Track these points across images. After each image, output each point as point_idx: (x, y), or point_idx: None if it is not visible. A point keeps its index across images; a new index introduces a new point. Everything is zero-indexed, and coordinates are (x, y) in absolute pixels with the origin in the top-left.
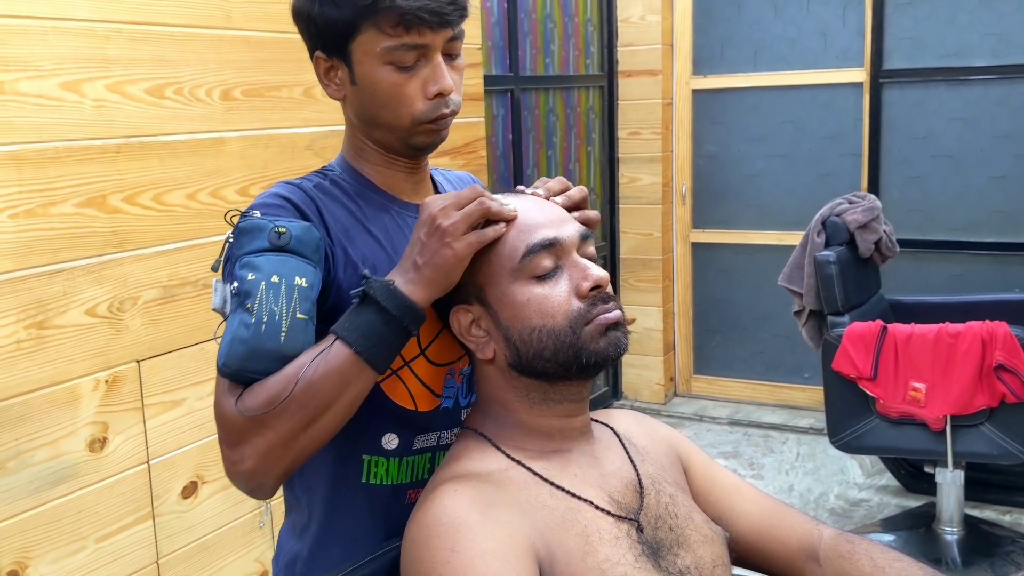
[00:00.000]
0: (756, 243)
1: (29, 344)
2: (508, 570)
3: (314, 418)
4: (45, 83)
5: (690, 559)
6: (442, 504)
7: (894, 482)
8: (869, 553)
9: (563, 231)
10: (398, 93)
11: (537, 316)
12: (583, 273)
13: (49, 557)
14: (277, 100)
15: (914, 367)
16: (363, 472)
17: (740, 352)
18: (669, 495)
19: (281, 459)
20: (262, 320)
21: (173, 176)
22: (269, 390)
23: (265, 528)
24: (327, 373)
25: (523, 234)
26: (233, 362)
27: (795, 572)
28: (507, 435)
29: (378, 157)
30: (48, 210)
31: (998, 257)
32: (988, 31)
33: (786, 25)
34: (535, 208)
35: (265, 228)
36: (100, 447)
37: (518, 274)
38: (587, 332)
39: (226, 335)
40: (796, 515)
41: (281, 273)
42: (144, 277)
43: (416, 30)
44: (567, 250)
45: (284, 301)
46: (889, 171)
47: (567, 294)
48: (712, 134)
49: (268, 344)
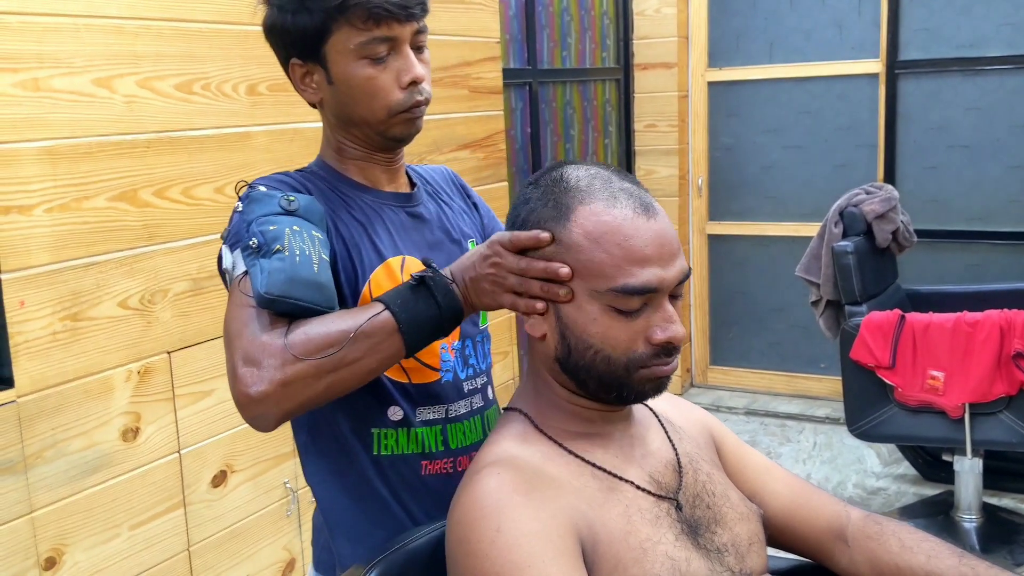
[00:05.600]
0: (772, 235)
1: (64, 336)
2: (552, 549)
3: (339, 369)
4: (77, 79)
5: (727, 536)
6: (487, 486)
7: (911, 471)
8: (897, 533)
9: (668, 273)
10: (373, 86)
11: (600, 341)
12: (663, 324)
13: (85, 544)
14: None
15: (932, 356)
16: (374, 444)
17: (756, 343)
18: (706, 473)
19: (295, 395)
20: (295, 255)
21: (201, 170)
22: (315, 337)
23: (292, 516)
24: (370, 335)
25: (625, 265)
26: (275, 288)
27: (824, 552)
28: (550, 416)
29: (357, 154)
30: (82, 204)
31: (1015, 246)
32: (1004, 21)
33: (801, 17)
34: (648, 231)
35: (275, 196)
36: (133, 437)
37: (601, 297)
38: (640, 375)
39: (259, 275)
40: (825, 497)
41: (300, 225)
42: (174, 270)
43: (385, 23)
44: (661, 294)
45: (309, 244)
46: (905, 162)
47: (638, 335)
48: (728, 126)
49: (304, 273)
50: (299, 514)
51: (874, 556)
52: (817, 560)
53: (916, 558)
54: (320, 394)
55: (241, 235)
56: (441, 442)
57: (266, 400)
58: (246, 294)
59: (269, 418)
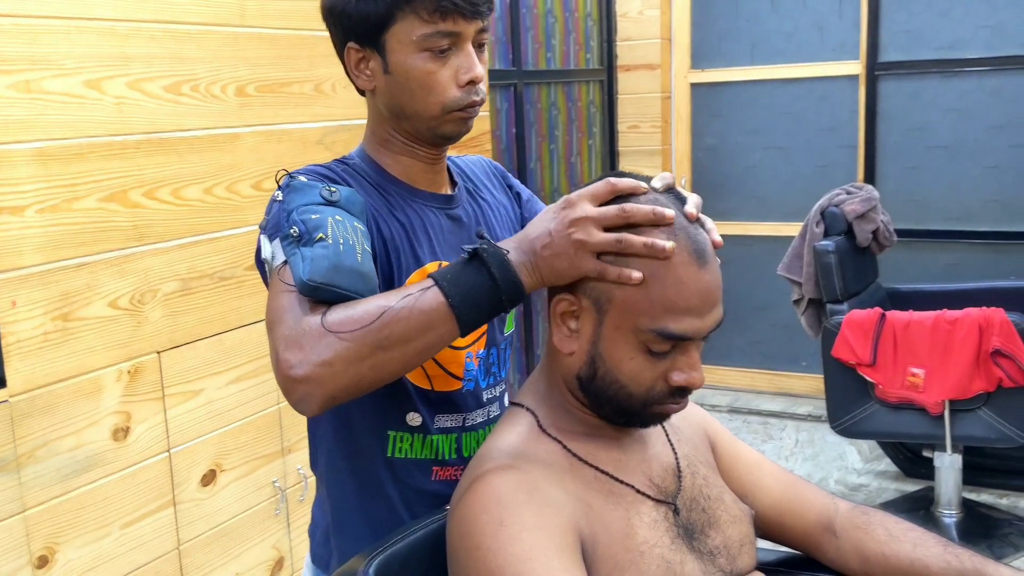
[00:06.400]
0: (754, 234)
1: (55, 336)
2: (553, 546)
3: (385, 348)
4: (68, 81)
5: (720, 539)
6: (490, 484)
7: (892, 467)
8: (884, 524)
9: (704, 323)
10: (431, 81)
11: (627, 378)
12: (685, 369)
13: (77, 543)
14: (288, 96)
15: (913, 353)
16: (388, 447)
17: (738, 342)
18: (703, 476)
19: (339, 376)
20: (339, 243)
21: (190, 171)
22: (356, 312)
23: (281, 515)
24: (415, 312)
25: (671, 310)
26: (318, 275)
27: (813, 544)
28: (557, 417)
29: (402, 147)
30: (72, 205)
31: (993, 245)
32: (982, 23)
33: (783, 19)
34: (700, 282)
35: (316, 187)
36: (123, 436)
37: (636, 335)
38: (651, 410)
39: (300, 263)
40: (814, 490)
41: (342, 215)
42: (164, 270)
43: (451, 18)
44: (692, 342)
45: (352, 235)
46: (885, 162)
47: (660, 376)
48: (711, 127)
49: (348, 261)
50: (288, 513)
51: (862, 545)
52: (807, 552)
53: (903, 547)
54: (365, 376)
55: (281, 224)
56: (455, 450)
57: (307, 381)
58: (286, 283)
59: (313, 401)
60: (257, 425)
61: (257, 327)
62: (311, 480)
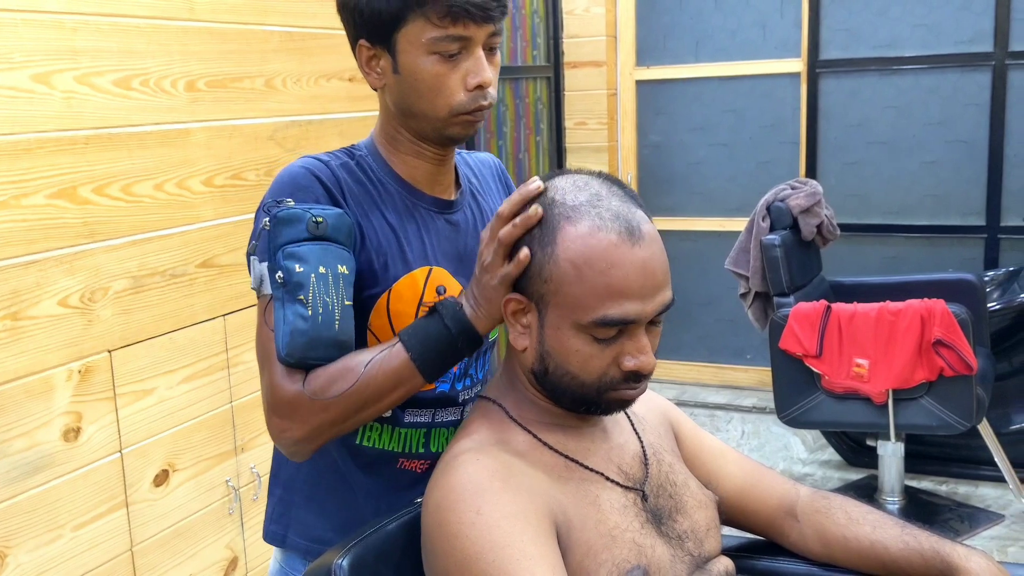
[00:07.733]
0: (700, 229)
1: (4, 335)
2: (531, 531)
3: (365, 407)
4: (16, 75)
5: (687, 524)
6: (465, 472)
7: (836, 456)
8: (843, 507)
9: (647, 306)
10: (439, 83)
11: (577, 367)
12: (635, 354)
13: (28, 546)
14: (239, 91)
15: (857, 344)
16: (358, 434)
17: (685, 336)
18: (668, 464)
19: (327, 434)
20: (318, 311)
21: (141, 167)
22: (333, 377)
23: (235, 514)
24: (384, 371)
25: (606, 297)
26: (296, 351)
27: (775, 529)
28: (522, 408)
29: (409, 146)
30: (21, 201)
31: (930, 239)
32: (918, 22)
33: (726, 16)
34: (632, 262)
35: (303, 218)
36: (74, 436)
37: (580, 328)
38: (608, 396)
39: (282, 326)
40: (775, 476)
41: (326, 263)
42: (114, 267)
43: (462, 22)
44: (638, 324)
45: (333, 291)
46: (826, 158)
47: (611, 361)
48: (656, 124)
49: (325, 333)
50: (241, 512)
51: (822, 528)
52: (769, 537)
53: (862, 528)
54: (347, 428)
55: (268, 257)
56: (422, 444)
57: (299, 442)
58: (271, 329)
59: (304, 454)
60: (210, 424)
61: (210, 324)
62: (265, 479)
